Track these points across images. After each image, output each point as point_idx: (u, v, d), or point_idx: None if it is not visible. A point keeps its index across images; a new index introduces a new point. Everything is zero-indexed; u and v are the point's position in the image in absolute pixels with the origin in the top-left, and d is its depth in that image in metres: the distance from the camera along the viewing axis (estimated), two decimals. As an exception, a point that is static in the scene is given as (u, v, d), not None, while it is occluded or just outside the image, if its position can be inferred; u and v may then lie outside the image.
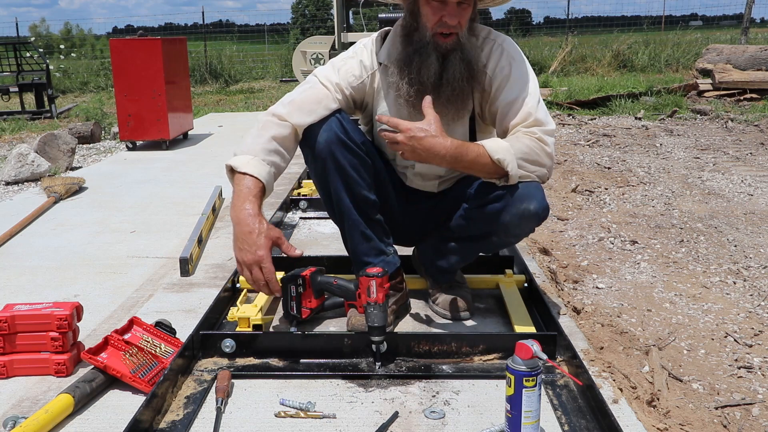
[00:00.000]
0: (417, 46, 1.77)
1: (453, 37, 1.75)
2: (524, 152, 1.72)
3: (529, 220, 1.81)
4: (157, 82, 5.25)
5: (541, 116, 1.78)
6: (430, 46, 1.76)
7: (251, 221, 1.70)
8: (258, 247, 1.69)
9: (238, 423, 1.48)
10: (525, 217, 1.78)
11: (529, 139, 1.74)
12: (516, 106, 1.78)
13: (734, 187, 4.05)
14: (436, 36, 1.76)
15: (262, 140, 1.79)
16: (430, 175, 2.00)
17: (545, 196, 1.79)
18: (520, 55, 1.85)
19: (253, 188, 1.73)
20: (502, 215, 1.78)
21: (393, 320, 1.96)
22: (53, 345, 1.71)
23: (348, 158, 1.83)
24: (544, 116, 1.79)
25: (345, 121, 1.84)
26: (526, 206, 1.76)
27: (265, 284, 1.72)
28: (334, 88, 1.86)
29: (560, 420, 1.47)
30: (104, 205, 3.61)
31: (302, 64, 6.20)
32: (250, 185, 1.73)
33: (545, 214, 1.84)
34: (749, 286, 2.52)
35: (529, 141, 1.74)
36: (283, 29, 20.56)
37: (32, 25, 22.24)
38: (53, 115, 8.17)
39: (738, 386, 1.83)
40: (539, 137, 1.75)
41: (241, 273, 1.75)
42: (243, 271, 1.73)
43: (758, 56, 8.64)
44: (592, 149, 5.51)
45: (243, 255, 1.71)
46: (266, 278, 1.71)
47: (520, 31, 17.18)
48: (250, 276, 1.72)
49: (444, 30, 1.74)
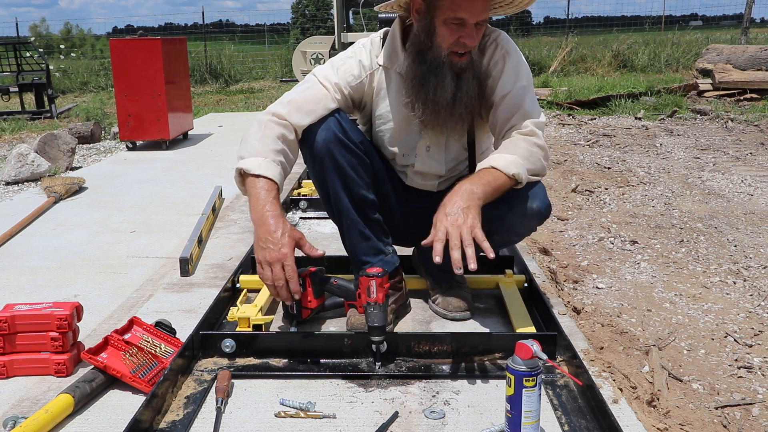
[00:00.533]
0: (432, 66, 1.77)
1: (467, 56, 1.76)
2: (527, 158, 1.76)
3: (532, 219, 1.83)
4: (157, 82, 5.25)
5: (532, 108, 1.81)
6: (446, 66, 1.76)
7: (274, 222, 1.69)
8: (282, 245, 1.67)
9: (238, 423, 1.48)
10: (528, 215, 1.79)
11: (524, 140, 1.77)
12: (508, 99, 1.81)
13: (734, 187, 4.05)
14: (451, 55, 1.76)
15: (268, 141, 1.79)
16: (430, 174, 2.00)
17: (547, 194, 1.80)
18: (514, 49, 1.87)
19: (270, 190, 1.73)
20: (505, 214, 1.79)
21: (393, 320, 1.96)
22: (53, 345, 1.71)
23: (346, 158, 1.83)
24: (535, 108, 1.82)
25: (343, 120, 1.85)
26: (529, 205, 1.77)
27: (284, 285, 1.69)
28: (333, 87, 1.86)
29: (560, 420, 1.47)
30: (104, 205, 3.61)
31: (302, 64, 6.20)
32: (267, 187, 1.72)
33: (548, 212, 1.85)
34: (749, 286, 2.52)
35: (525, 144, 1.77)
36: (283, 29, 20.56)
37: (32, 25, 22.27)
38: (53, 115, 8.17)
39: (738, 386, 1.83)
40: (531, 130, 1.78)
41: (261, 273, 1.71)
42: (264, 270, 1.70)
43: (758, 56, 8.64)
44: (592, 149, 5.51)
45: (267, 254, 1.68)
46: (288, 276, 1.68)
47: (520, 31, 17.17)
48: (271, 275, 1.68)
49: (460, 50, 1.75)
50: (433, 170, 1.98)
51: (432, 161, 1.97)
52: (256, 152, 1.77)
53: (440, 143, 1.94)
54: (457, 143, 1.96)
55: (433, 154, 1.96)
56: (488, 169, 1.73)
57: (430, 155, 1.96)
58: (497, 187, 1.71)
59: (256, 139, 1.80)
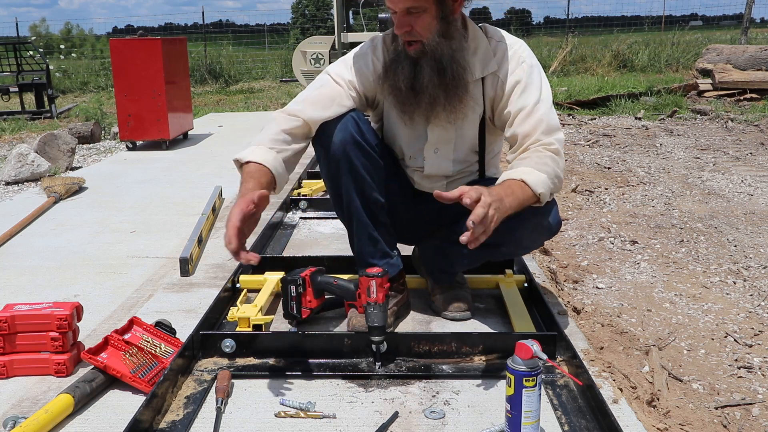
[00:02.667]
0: (396, 53, 1.79)
1: (417, 45, 1.75)
2: (553, 179, 1.70)
3: (541, 234, 1.82)
4: (157, 82, 5.25)
5: (554, 123, 1.76)
6: (403, 53, 1.77)
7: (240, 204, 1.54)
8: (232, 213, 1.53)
9: (238, 423, 1.48)
10: (538, 230, 1.78)
11: (552, 159, 1.71)
12: (528, 113, 1.76)
13: (734, 187, 4.05)
14: (405, 44, 1.77)
15: (269, 132, 1.78)
16: (438, 177, 1.99)
17: (558, 210, 1.78)
18: (532, 59, 1.83)
19: (254, 172, 1.69)
20: (515, 228, 1.74)
21: (393, 320, 1.96)
22: (53, 345, 1.71)
23: (361, 160, 1.82)
24: (556, 123, 1.77)
25: (361, 121, 1.83)
26: (540, 221, 1.74)
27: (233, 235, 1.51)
28: (347, 85, 1.84)
29: (560, 420, 1.48)
30: (104, 205, 3.61)
31: (302, 64, 6.20)
32: (252, 170, 1.70)
33: (557, 228, 1.84)
34: (749, 286, 2.52)
35: (552, 163, 1.71)
36: (283, 29, 20.56)
37: (32, 25, 22.27)
38: (53, 115, 8.17)
39: (738, 386, 1.83)
40: (557, 149, 1.73)
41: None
42: None
43: (758, 56, 8.64)
44: (592, 149, 5.51)
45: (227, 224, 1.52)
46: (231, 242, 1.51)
47: (520, 31, 17.18)
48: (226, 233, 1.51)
49: (405, 38, 1.75)
50: (441, 171, 1.97)
51: (440, 162, 1.95)
52: (253, 142, 1.77)
53: (449, 144, 1.91)
54: (467, 145, 1.94)
55: (441, 155, 1.94)
56: (518, 182, 1.65)
57: (437, 156, 1.94)
58: (522, 201, 1.64)
59: (260, 134, 1.80)
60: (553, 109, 1.80)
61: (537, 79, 1.80)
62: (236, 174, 1.77)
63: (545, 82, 1.83)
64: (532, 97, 1.77)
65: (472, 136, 1.92)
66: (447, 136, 1.90)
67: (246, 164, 1.72)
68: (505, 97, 1.81)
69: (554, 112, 1.80)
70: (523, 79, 1.79)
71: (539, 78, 1.81)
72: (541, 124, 1.75)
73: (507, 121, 1.81)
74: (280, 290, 2.00)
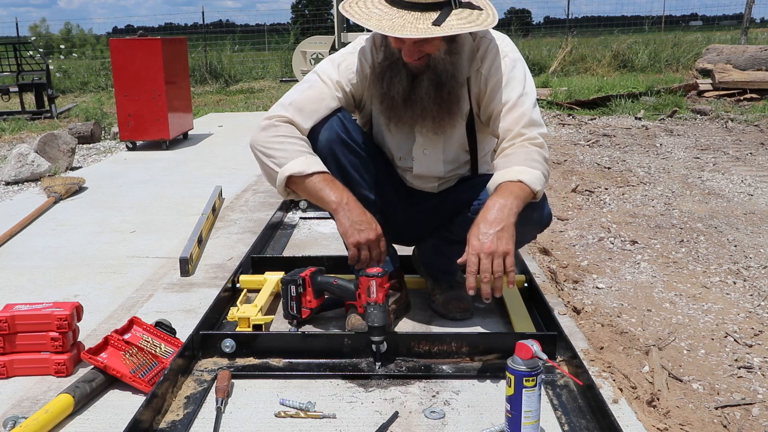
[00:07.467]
0: (390, 60, 1.75)
1: (423, 59, 1.71)
2: (544, 173, 1.72)
3: (533, 227, 1.82)
4: (157, 82, 5.25)
5: (537, 117, 1.78)
6: (400, 62, 1.73)
7: (357, 207, 1.73)
8: (376, 225, 1.74)
9: (238, 423, 1.48)
10: (529, 224, 1.78)
11: (538, 153, 1.72)
12: (511, 107, 1.77)
13: (734, 187, 4.05)
14: None
15: (292, 141, 1.77)
16: (429, 177, 1.99)
17: (548, 203, 1.79)
18: (515, 54, 1.82)
19: (333, 179, 1.75)
20: None
21: (393, 320, 1.96)
22: (53, 345, 1.71)
23: (349, 158, 1.82)
24: (539, 117, 1.79)
25: (346, 120, 1.84)
26: (530, 213, 1.75)
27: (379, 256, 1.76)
28: (334, 86, 1.84)
29: (560, 420, 1.47)
30: (104, 205, 3.61)
31: (302, 64, 6.20)
32: (329, 178, 1.75)
33: (548, 221, 1.84)
34: (749, 286, 2.52)
35: (539, 157, 1.72)
36: (283, 29, 20.54)
37: (32, 25, 22.22)
38: (53, 115, 8.16)
39: (738, 386, 1.83)
40: (541, 143, 1.74)
41: (357, 254, 1.73)
42: (362, 250, 1.73)
43: (758, 56, 8.64)
44: (592, 149, 5.51)
45: (366, 234, 1.72)
46: (383, 250, 1.76)
47: (520, 31, 17.15)
48: (369, 254, 1.74)
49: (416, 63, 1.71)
50: (432, 172, 1.97)
51: (430, 163, 1.95)
52: (290, 156, 1.74)
53: (437, 145, 1.91)
54: (456, 145, 1.93)
55: (431, 155, 1.93)
56: (516, 183, 1.66)
57: (427, 157, 1.94)
58: (524, 200, 1.65)
59: (278, 144, 1.76)
60: (536, 103, 1.81)
61: (520, 73, 1.80)
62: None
63: (529, 76, 1.82)
64: (515, 92, 1.77)
65: (460, 135, 1.91)
66: (435, 138, 1.90)
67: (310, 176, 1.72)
68: (489, 93, 1.80)
69: (537, 106, 1.81)
70: (506, 73, 1.79)
71: (522, 72, 1.81)
72: (524, 118, 1.75)
73: (492, 116, 1.82)
74: (280, 290, 2.00)
